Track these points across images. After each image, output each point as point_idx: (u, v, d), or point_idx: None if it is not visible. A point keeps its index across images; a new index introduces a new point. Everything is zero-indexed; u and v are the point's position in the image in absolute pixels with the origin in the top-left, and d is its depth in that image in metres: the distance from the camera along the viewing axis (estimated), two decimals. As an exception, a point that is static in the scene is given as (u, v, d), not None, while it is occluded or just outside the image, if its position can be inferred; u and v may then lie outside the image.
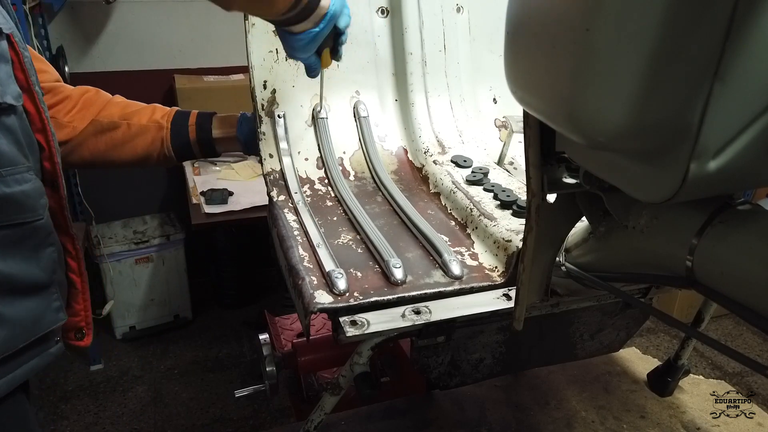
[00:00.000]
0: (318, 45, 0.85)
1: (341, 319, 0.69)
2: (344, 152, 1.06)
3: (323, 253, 0.79)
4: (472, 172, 0.97)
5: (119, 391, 2.37)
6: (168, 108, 1.02)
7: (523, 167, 0.58)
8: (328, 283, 0.73)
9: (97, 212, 2.63)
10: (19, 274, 0.67)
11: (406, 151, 1.09)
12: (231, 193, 2.23)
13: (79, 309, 0.80)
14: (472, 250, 0.84)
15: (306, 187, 1.00)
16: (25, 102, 0.70)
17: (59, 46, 2.40)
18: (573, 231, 0.65)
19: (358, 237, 0.87)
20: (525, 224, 0.60)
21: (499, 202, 0.89)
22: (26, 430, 0.74)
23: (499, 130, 1.17)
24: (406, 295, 0.72)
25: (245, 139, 1.02)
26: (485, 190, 0.94)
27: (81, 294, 0.80)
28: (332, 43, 0.89)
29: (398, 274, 0.75)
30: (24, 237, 0.67)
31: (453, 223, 0.91)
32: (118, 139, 0.97)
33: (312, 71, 0.90)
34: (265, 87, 1.02)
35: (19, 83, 0.69)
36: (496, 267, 0.79)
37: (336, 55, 0.92)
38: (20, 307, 0.67)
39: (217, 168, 2.52)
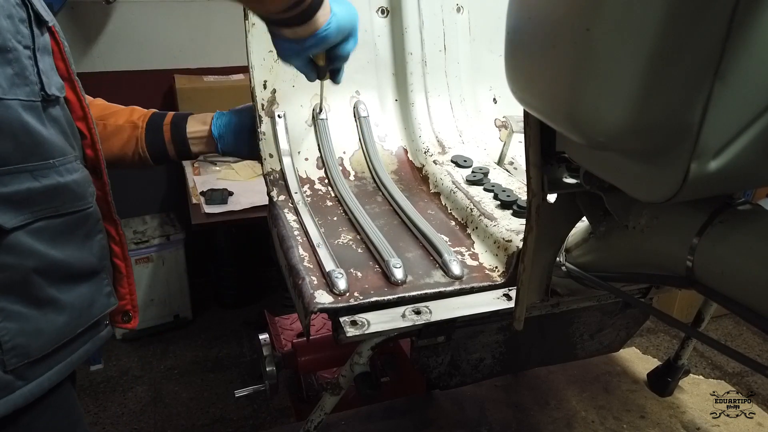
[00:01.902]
0: (306, 58, 0.83)
1: (341, 319, 0.69)
2: (344, 152, 1.06)
3: (323, 253, 0.79)
4: (472, 172, 0.97)
5: (119, 391, 2.37)
6: (146, 110, 1.02)
7: (523, 167, 0.58)
8: (328, 283, 0.73)
9: (97, 212, 2.62)
10: (74, 261, 0.68)
11: (406, 151, 1.09)
12: (231, 193, 2.23)
13: (125, 293, 0.82)
14: (472, 250, 0.84)
15: (306, 187, 1.00)
16: (67, 91, 0.71)
17: (59, 46, 2.40)
18: (573, 231, 0.65)
19: (358, 237, 0.87)
20: (525, 224, 0.59)
21: (499, 202, 0.89)
22: (76, 415, 0.75)
23: (499, 130, 1.17)
24: (407, 295, 0.72)
25: (219, 133, 1.01)
26: (485, 190, 0.93)
27: (126, 278, 0.82)
28: (330, 62, 0.86)
29: (398, 274, 0.75)
30: (77, 224, 0.69)
31: (453, 223, 0.91)
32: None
33: (307, 77, 0.89)
34: (265, 87, 1.02)
35: (60, 73, 0.70)
36: (496, 267, 0.79)
37: (335, 78, 0.89)
38: (76, 292, 0.69)
39: (217, 168, 2.52)
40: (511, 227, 0.82)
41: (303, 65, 0.86)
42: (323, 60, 0.85)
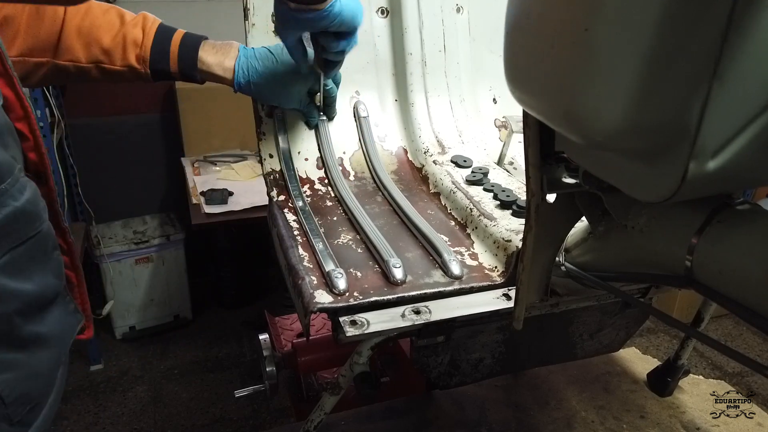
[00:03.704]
0: (299, 37, 0.83)
1: (341, 319, 0.69)
2: (344, 152, 1.06)
3: (323, 253, 0.79)
4: (472, 172, 0.97)
5: (119, 391, 2.37)
6: (138, 33, 0.90)
7: (523, 167, 0.58)
8: (328, 283, 0.73)
9: (97, 212, 2.63)
10: (43, 289, 0.63)
11: (405, 151, 1.09)
12: (231, 193, 2.23)
13: (78, 303, 0.75)
14: (471, 250, 0.84)
15: (306, 187, 1.00)
16: (3, 88, 0.61)
17: (59, 46, 2.40)
18: (572, 231, 0.65)
19: (357, 237, 0.87)
20: (524, 224, 0.60)
21: (498, 202, 0.89)
22: None
23: (499, 130, 1.17)
24: (406, 294, 0.72)
25: (248, 80, 0.91)
26: (485, 190, 0.94)
27: (77, 287, 0.75)
28: (324, 52, 0.86)
29: (398, 273, 0.75)
30: (36, 248, 0.62)
31: (453, 223, 0.91)
32: (88, 79, 0.89)
33: (297, 63, 0.87)
34: (265, 87, 1.02)
35: None
36: (495, 267, 0.79)
37: (328, 72, 0.90)
38: (50, 320, 0.64)
39: (217, 168, 2.53)
40: (510, 227, 0.82)
41: (295, 45, 0.84)
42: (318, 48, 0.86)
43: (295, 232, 0.86)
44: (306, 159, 1.03)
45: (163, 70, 0.90)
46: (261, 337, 1.18)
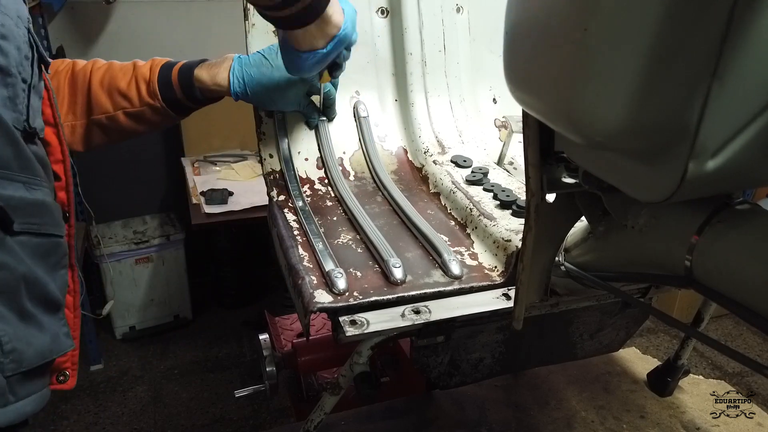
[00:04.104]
0: (324, 66, 0.84)
1: (341, 319, 0.69)
2: (344, 152, 1.06)
3: (323, 253, 0.79)
4: (472, 172, 0.97)
5: (119, 391, 2.37)
6: (146, 71, 0.95)
7: (523, 167, 0.58)
8: (328, 283, 0.73)
9: (97, 212, 2.62)
10: (48, 285, 0.66)
11: (405, 151, 1.09)
12: (231, 193, 2.23)
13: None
14: (471, 249, 0.84)
15: (306, 187, 1.00)
16: (49, 135, 0.71)
17: (59, 46, 2.41)
18: (572, 231, 0.65)
19: (357, 237, 0.87)
20: (524, 224, 0.60)
21: (498, 202, 0.89)
22: None
23: (499, 130, 1.17)
24: (406, 294, 0.72)
25: (247, 90, 0.93)
26: (485, 190, 0.94)
27: (71, 332, 0.75)
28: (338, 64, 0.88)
29: (398, 273, 0.75)
30: (50, 251, 0.67)
31: (453, 223, 0.91)
32: (121, 127, 0.96)
33: (316, 85, 0.89)
34: (264, 87, 1.02)
35: (45, 118, 0.70)
36: (495, 267, 0.79)
37: (336, 71, 0.91)
38: (48, 320, 0.66)
39: (217, 168, 2.53)
40: (510, 227, 0.82)
41: (314, 75, 0.87)
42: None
43: (295, 232, 0.86)
44: (306, 159, 1.03)
45: (172, 99, 0.95)
46: (261, 337, 1.18)
